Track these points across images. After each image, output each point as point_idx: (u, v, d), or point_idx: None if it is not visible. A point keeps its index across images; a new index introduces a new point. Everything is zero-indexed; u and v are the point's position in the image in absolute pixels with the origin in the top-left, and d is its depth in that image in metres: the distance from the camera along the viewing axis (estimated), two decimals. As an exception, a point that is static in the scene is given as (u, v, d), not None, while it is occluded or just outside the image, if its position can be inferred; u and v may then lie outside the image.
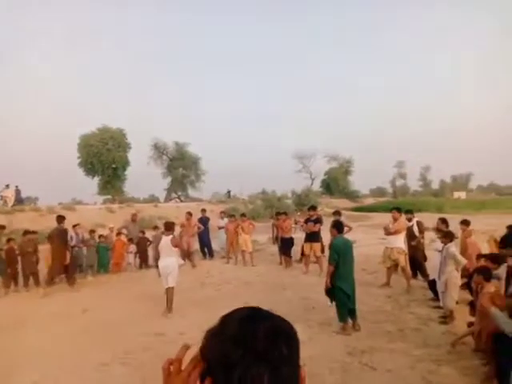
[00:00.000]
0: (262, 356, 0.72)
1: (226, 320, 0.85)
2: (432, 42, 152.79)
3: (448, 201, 48.09)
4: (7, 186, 24.33)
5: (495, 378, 3.81)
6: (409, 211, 9.30)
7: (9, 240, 10.14)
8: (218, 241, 14.37)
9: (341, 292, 5.88)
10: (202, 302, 8.06)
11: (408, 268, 8.57)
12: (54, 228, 9.93)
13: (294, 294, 8.49)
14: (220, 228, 14.03)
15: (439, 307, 6.73)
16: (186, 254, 12.17)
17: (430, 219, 12.70)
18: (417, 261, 8.65)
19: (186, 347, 0.88)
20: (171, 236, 7.63)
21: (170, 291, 7.45)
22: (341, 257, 5.91)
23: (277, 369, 0.71)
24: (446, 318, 6.19)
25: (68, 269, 9.89)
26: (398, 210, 8.83)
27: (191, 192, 47.57)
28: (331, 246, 6.14)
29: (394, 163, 73.20)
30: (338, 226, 6.24)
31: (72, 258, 10.05)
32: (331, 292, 6.08)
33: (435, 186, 77.69)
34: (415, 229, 8.79)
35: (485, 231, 17.18)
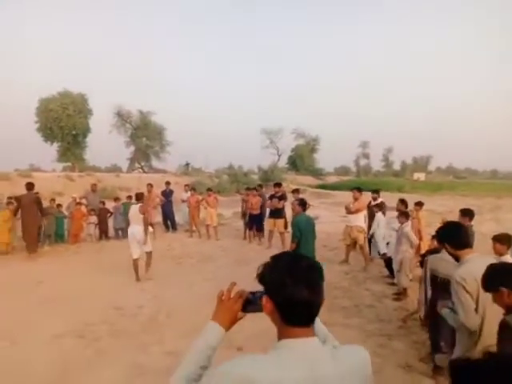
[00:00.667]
0: (304, 280, 1.14)
1: (277, 257, 1.24)
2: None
3: (408, 181, 49.79)
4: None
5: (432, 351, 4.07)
6: (375, 191, 9.49)
7: None
8: (181, 214, 14.24)
9: None
10: (162, 275, 8.00)
11: (366, 246, 8.84)
12: (25, 194, 9.69)
13: (257, 268, 8.56)
14: (183, 201, 13.85)
15: (394, 284, 7.01)
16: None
17: (391, 199, 13.09)
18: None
19: (234, 284, 1.37)
20: (140, 204, 7.90)
21: (148, 255, 7.96)
22: (303, 234, 5.98)
23: (313, 288, 1.14)
24: (400, 294, 6.47)
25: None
26: (359, 189, 9.02)
27: (155, 163, 46.65)
28: (294, 223, 6.18)
29: (358, 143, 74.74)
30: (302, 204, 6.28)
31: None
32: None
33: (397, 166, 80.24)
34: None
35: (440, 212, 18.01)
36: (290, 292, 1.12)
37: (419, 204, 8.18)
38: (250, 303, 1.32)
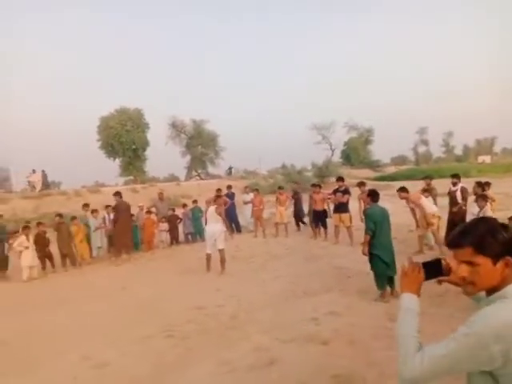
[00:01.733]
0: None
1: (484, 221, 1.42)
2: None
3: (473, 165, 46.83)
4: (34, 171, 24.84)
5: None
6: (455, 175, 9.03)
7: (38, 224, 10.42)
8: (242, 216, 14.44)
9: (379, 260, 5.84)
10: (235, 275, 8.17)
11: (438, 233, 8.43)
12: (118, 202, 10.70)
13: (327, 264, 8.49)
14: (246, 203, 14.04)
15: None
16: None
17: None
18: (455, 226, 8.46)
19: (411, 258, 1.59)
20: (215, 206, 8.71)
21: (221, 252, 8.52)
22: (377, 225, 5.83)
23: None
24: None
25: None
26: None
27: (211, 169, 47.72)
28: (366, 215, 6.04)
29: (415, 129, 71.54)
30: (373, 195, 6.13)
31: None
32: (370, 261, 6.03)
33: (458, 151, 75.77)
34: (458, 194, 8.56)
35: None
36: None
37: (487, 184, 7.69)
38: (427, 272, 1.54)
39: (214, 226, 8.54)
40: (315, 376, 3.85)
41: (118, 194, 10.96)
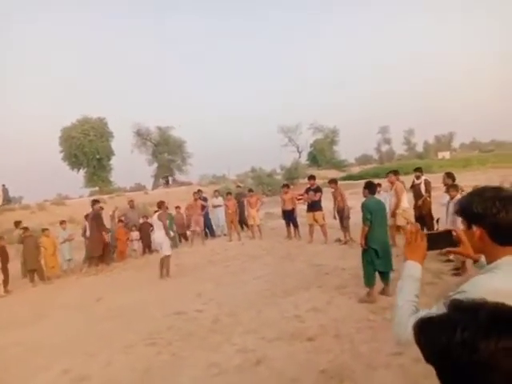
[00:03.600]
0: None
1: (482, 189, 1.40)
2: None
3: (433, 161, 48.66)
4: (-7, 186, 23.70)
5: None
6: (418, 169, 9.30)
7: None
8: (214, 219, 14.34)
9: (372, 252, 5.67)
10: (213, 278, 8.08)
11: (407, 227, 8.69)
12: (91, 212, 10.66)
13: (304, 262, 8.56)
14: (215, 207, 13.97)
15: (450, 260, 6.86)
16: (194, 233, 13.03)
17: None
18: (424, 220, 8.68)
19: (415, 226, 1.67)
20: (159, 212, 8.96)
21: (166, 259, 8.73)
22: (373, 217, 5.71)
23: None
24: (459, 269, 6.32)
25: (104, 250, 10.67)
26: (396, 172, 8.94)
27: (179, 176, 47.21)
28: (363, 206, 5.87)
29: (377, 129, 73.67)
30: (370, 187, 6.04)
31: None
32: (362, 253, 5.88)
33: (419, 148, 78.51)
34: (422, 187, 8.83)
35: (473, 187, 17.53)
36: (503, 215, 1.28)
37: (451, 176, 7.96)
38: (437, 242, 1.57)
39: (157, 233, 8.89)
40: (304, 372, 3.86)
41: (95, 202, 10.92)
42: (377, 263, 5.70)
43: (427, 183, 8.94)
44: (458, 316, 0.74)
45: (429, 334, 0.81)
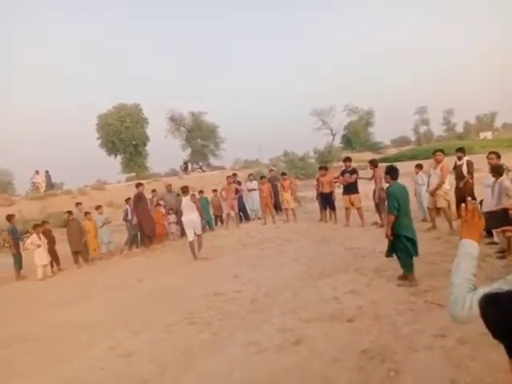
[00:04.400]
0: None
1: None
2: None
3: (475, 142, 46.60)
4: (37, 172, 24.83)
5: None
6: (460, 149, 8.95)
7: (43, 222, 10.48)
8: (249, 203, 14.42)
9: (406, 241, 5.46)
10: (249, 261, 8.17)
11: (448, 209, 8.37)
12: (137, 193, 11.38)
13: (339, 245, 8.48)
14: (250, 190, 14.04)
15: (494, 243, 6.61)
16: (228, 217, 13.20)
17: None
18: (464, 201, 8.37)
19: (472, 202, 2.45)
20: (190, 195, 9.48)
21: (200, 237, 9.30)
22: (400, 204, 5.48)
23: None
24: (504, 252, 6.08)
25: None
26: (442, 151, 8.59)
27: (213, 161, 47.66)
28: (388, 194, 5.65)
29: (414, 110, 71.13)
30: (391, 172, 5.76)
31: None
32: (393, 243, 5.65)
33: (459, 129, 75.34)
34: (464, 168, 8.50)
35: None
36: None
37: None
38: (492, 222, 1.55)
39: (191, 215, 9.13)
40: (345, 352, 3.86)
41: (139, 185, 11.64)
42: (413, 249, 5.52)
43: (469, 164, 8.59)
44: None
45: (498, 309, 0.78)
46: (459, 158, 8.83)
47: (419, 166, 9.83)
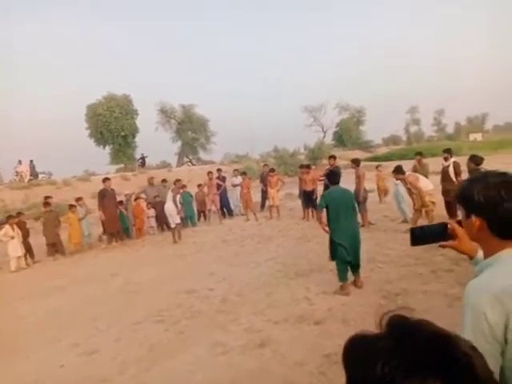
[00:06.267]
0: None
1: (485, 174, 1.24)
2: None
3: (464, 143, 46.92)
4: (20, 162, 24.43)
5: None
6: (446, 150, 8.91)
7: (18, 214, 10.36)
8: (233, 199, 14.32)
9: (339, 247, 5.34)
10: (227, 258, 8.08)
11: (431, 211, 8.34)
12: (102, 189, 11.07)
13: (319, 245, 8.39)
14: (234, 186, 13.93)
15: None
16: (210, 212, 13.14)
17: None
18: (451, 206, 8.32)
19: (445, 223, 1.45)
20: (173, 187, 10.78)
21: (177, 227, 10.41)
22: (333, 208, 5.35)
23: None
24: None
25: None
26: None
27: (202, 155, 47.36)
28: (321, 196, 5.77)
29: (406, 109, 71.40)
30: (330, 176, 5.72)
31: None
32: (331, 248, 5.59)
33: (450, 130, 75.84)
34: (451, 170, 8.46)
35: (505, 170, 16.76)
36: (508, 205, 1.14)
37: (480, 159, 7.59)
38: (417, 237, 1.44)
39: (167, 204, 10.38)
40: (309, 355, 3.79)
41: (106, 180, 11.14)
42: (347, 256, 5.37)
43: (456, 165, 8.54)
44: (385, 343, 0.59)
45: (353, 357, 0.65)
46: (445, 159, 8.80)
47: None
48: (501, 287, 1.08)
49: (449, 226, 1.44)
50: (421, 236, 1.44)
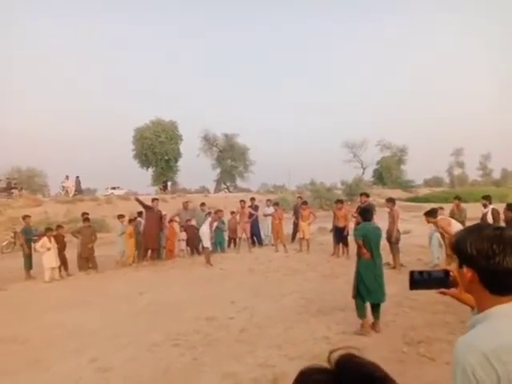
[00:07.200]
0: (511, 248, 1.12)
1: (481, 226, 1.25)
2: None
3: (511, 190, 44.78)
4: (67, 178, 25.79)
5: None
6: (485, 197, 8.75)
7: (58, 227, 10.75)
8: (264, 228, 14.33)
9: (361, 282, 5.34)
10: (251, 287, 8.07)
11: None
12: (150, 206, 11.66)
13: (345, 283, 8.20)
14: (266, 215, 14.00)
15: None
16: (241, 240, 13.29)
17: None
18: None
19: (447, 270, 1.46)
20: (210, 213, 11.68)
21: (205, 250, 10.89)
22: (365, 242, 5.39)
23: None
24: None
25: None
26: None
27: (240, 183, 48.04)
28: (355, 229, 6.02)
29: (451, 151, 69.53)
30: (363, 213, 5.79)
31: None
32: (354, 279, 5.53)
33: (497, 175, 72.81)
34: (489, 217, 8.21)
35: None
36: (499, 260, 1.12)
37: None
38: (416, 282, 1.45)
39: (202, 227, 10.94)
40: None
41: (154, 200, 11.98)
42: (367, 295, 5.41)
43: (495, 213, 8.27)
44: (326, 376, 0.67)
45: None
46: (484, 206, 8.60)
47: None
48: (491, 347, 1.05)
49: (451, 273, 1.43)
50: (420, 281, 1.44)
